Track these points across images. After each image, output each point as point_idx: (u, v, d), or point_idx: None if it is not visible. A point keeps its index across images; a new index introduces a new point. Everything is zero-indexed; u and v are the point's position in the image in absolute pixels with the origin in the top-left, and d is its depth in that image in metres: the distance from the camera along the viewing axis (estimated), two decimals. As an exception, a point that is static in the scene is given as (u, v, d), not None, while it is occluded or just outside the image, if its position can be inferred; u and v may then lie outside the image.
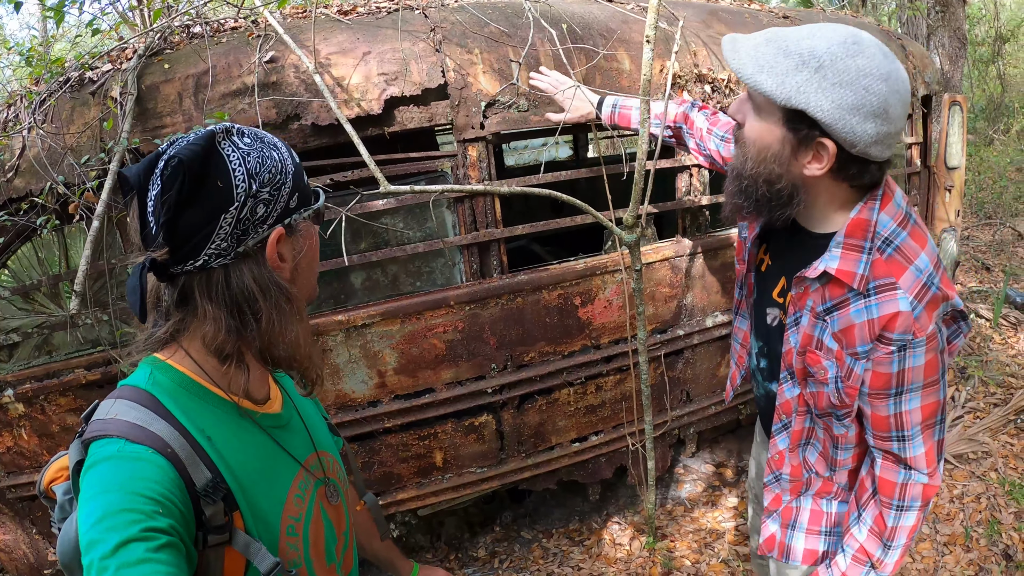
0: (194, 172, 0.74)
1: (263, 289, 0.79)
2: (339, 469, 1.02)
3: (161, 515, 0.68)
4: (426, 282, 2.25)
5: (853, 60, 1.02)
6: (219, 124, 0.80)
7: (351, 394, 2.24)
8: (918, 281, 1.08)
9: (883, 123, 1.03)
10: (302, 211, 0.84)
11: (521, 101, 2.21)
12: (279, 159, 0.81)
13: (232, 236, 0.77)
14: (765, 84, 1.06)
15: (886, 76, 1.02)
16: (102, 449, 0.72)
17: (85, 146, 2.18)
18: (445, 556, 2.71)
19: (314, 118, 2.09)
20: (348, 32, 2.22)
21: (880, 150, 1.06)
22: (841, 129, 1.03)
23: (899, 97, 1.04)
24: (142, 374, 0.81)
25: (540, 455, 2.45)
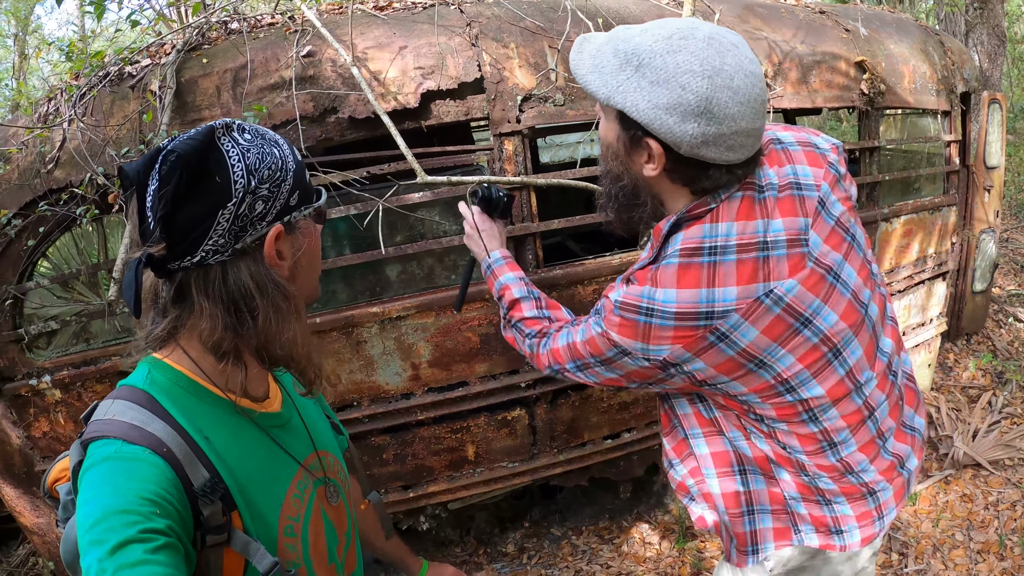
0: (192, 167, 0.73)
1: (260, 287, 0.78)
2: (340, 469, 1.01)
3: (159, 516, 0.68)
4: (461, 275, 2.25)
5: (672, 57, 0.97)
6: (219, 120, 0.80)
7: (384, 386, 2.25)
8: (637, 300, 1.08)
9: (708, 123, 0.96)
10: (303, 209, 0.84)
11: (557, 95, 2.21)
12: (279, 156, 0.81)
13: (230, 232, 0.76)
14: (592, 84, 1.05)
15: (711, 73, 0.95)
16: (100, 450, 0.73)
17: (125, 138, 2.21)
18: (474, 550, 2.71)
19: (351, 111, 2.10)
20: (384, 27, 2.23)
21: (715, 152, 0.99)
22: (659, 129, 0.99)
23: (732, 95, 0.96)
24: (140, 374, 0.81)
25: (572, 451, 2.44)
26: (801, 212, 1.08)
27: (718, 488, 1.26)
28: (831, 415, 1.13)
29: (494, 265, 1.55)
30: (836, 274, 1.09)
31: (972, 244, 3.44)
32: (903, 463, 1.24)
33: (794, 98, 2.63)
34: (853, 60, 2.80)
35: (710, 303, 1.03)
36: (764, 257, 1.05)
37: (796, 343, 1.07)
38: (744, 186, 1.07)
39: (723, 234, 1.05)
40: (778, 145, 1.14)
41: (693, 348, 1.06)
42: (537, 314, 1.44)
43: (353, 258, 2.15)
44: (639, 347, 1.09)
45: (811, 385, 1.11)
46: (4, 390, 2.43)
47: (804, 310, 1.06)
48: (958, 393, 3.36)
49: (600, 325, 1.14)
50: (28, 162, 2.29)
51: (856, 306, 1.12)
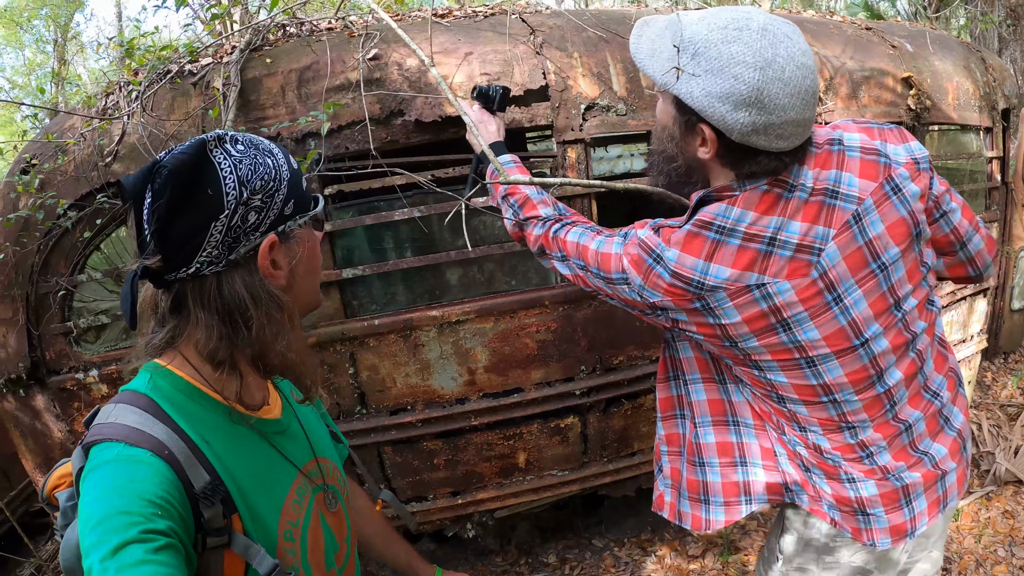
0: (183, 180, 0.75)
1: (254, 297, 0.79)
2: (339, 476, 1.02)
3: (160, 517, 0.68)
4: (521, 281, 2.25)
5: (727, 47, 1.00)
6: (212, 132, 0.80)
7: (439, 391, 2.24)
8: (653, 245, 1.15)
9: (759, 113, 1.00)
10: (298, 218, 0.84)
11: (619, 105, 2.22)
12: (273, 166, 0.81)
13: (223, 244, 0.77)
14: (649, 68, 1.11)
15: (763, 65, 0.98)
16: (102, 453, 0.73)
17: (186, 135, 2.22)
18: (515, 560, 2.68)
19: (417, 114, 2.11)
20: (449, 33, 2.25)
21: (766, 140, 1.02)
22: (712, 116, 1.03)
23: (783, 87, 0.99)
24: (142, 379, 0.82)
25: (622, 460, 2.43)
26: (824, 221, 1.09)
27: (712, 438, 1.32)
28: (799, 406, 1.20)
29: (504, 167, 1.61)
30: (838, 296, 1.10)
31: (1011, 262, 3.44)
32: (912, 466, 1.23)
33: (844, 113, 2.65)
34: (900, 76, 2.83)
35: (703, 275, 1.10)
36: (767, 252, 1.08)
37: (771, 340, 1.12)
38: (774, 181, 1.09)
39: (734, 218, 1.09)
40: (836, 147, 1.13)
41: (681, 305, 1.14)
42: (552, 209, 1.50)
43: (414, 261, 2.16)
44: (639, 282, 1.17)
45: (778, 374, 1.17)
46: (49, 383, 2.42)
47: (787, 315, 1.10)
48: (997, 411, 3.35)
49: (620, 248, 1.21)
50: (86, 155, 2.30)
51: (849, 334, 1.12)
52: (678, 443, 1.39)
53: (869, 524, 1.22)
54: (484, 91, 1.79)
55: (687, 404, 1.36)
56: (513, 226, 1.55)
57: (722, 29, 1.01)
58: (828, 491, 1.24)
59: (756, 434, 1.31)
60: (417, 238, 2.20)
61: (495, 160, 1.64)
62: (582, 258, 1.31)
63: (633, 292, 1.20)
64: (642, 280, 1.16)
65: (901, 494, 1.20)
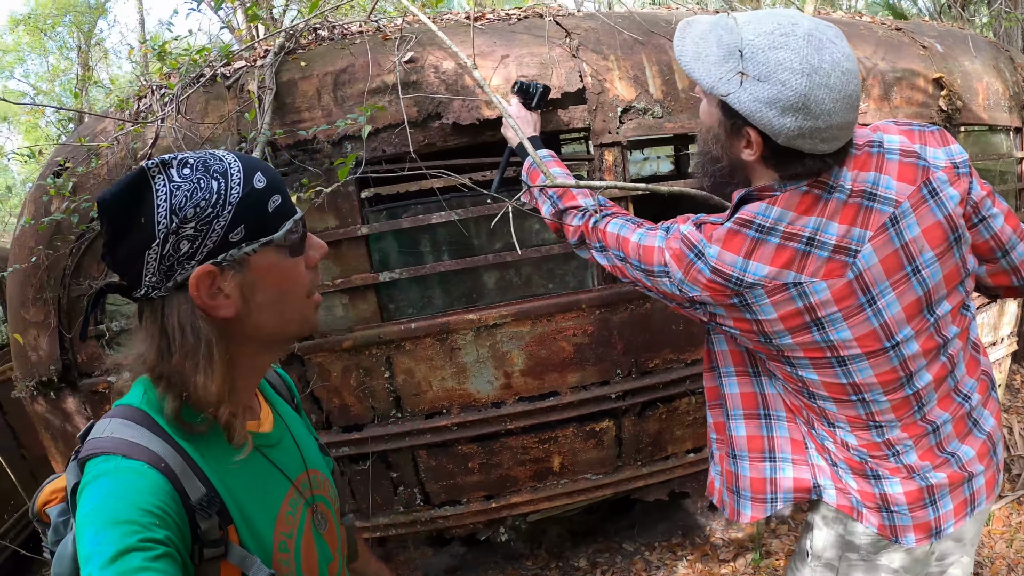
0: (116, 211, 0.76)
1: (181, 328, 0.79)
2: (330, 487, 1.03)
3: (158, 527, 0.69)
4: (558, 284, 2.24)
5: (774, 53, 1.02)
6: (160, 156, 0.79)
7: (475, 394, 2.23)
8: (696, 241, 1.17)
9: (805, 118, 1.01)
10: (244, 245, 0.80)
11: (656, 107, 2.21)
12: (217, 190, 0.77)
13: (159, 272, 0.77)
14: (695, 72, 1.11)
15: (809, 71, 1.00)
16: (99, 466, 0.74)
17: (220, 138, 2.22)
18: (546, 564, 2.68)
19: (455, 117, 2.11)
20: (484, 36, 2.25)
21: (810, 144, 1.04)
22: (759, 121, 1.04)
23: (828, 92, 1.00)
24: (136, 393, 0.82)
25: (655, 464, 2.42)
26: (861, 223, 1.10)
27: (743, 431, 1.34)
28: (828, 403, 1.21)
29: (543, 160, 1.64)
30: (872, 298, 1.11)
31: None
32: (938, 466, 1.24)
33: (876, 114, 2.63)
34: (931, 77, 2.81)
35: (742, 271, 1.12)
36: (805, 251, 1.10)
37: (804, 338, 1.14)
38: (814, 183, 1.11)
39: (774, 218, 1.10)
40: (876, 149, 1.14)
41: (719, 300, 1.17)
42: (591, 199, 1.52)
43: (451, 264, 2.15)
44: (679, 276, 1.20)
45: (809, 371, 1.19)
46: (81, 386, 2.43)
47: (821, 314, 1.11)
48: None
49: (662, 241, 1.24)
50: (119, 158, 2.30)
51: (881, 336, 1.13)
52: (723, 431, 1.42)
53: (893, 521, 1.24)
54: (525, 87, 1.84)
55: (722, 396, 1.39)
56: (552, 216, 1.57)
57: (769, 35, 1.03)
58: (854, 486, 1.26)
59: (788, 427, 1.33)
60: (454, 241, 2.19)
61: (534, 154, 1.65)
62: (622, 249, 1.34)
63: (673, 285, 1.22)
64: (683, 274, 1.19)
65: (926, 493, 1.21)
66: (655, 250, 1.25)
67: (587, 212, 1.47)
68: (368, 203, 2.16)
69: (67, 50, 13.71)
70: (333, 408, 2.28)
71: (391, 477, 2.38)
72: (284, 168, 2.13)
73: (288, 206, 0.84)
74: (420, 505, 2.43)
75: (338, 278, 2.15)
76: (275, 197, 0.82)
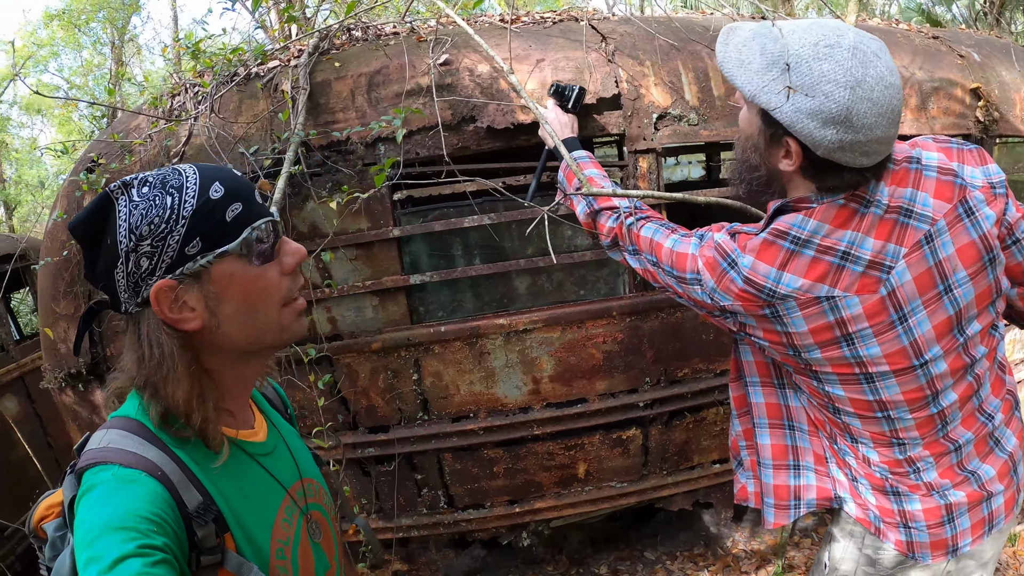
0: (85, 236, 0.80)
1: (150, 342, 0.81)
2: (324, 495, 1.04)
3: (156, 534, 0.70)
4: (590, 291, 2.23)
5: (818, 64, 1.01)
6: (122, 178, 0.81)
7: (503, 399, 2.22)
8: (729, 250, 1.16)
9: (846, 131, 1.01)
10: (200, 257, 0.80)
11: (691, 115, 2.19)
12: (171, 205, 0.78)
13: (128, 289, 0.80)
14: (738, 79, 1.11)
15: (853, 84, 0.99)
16: (97, 475, 0.74)
17: (254, 137, 2.22)
18: (566, 570, 2.67)
19: (490, 121, 2.10)
20: (520, 39, 2.24)
21: (850, 157, 1.03)
22: (799, 132, 1.04)
23: (871, 106, 1.00)
24: (132, 404, 0.83)
25: (681, 474, 2.40)
26: (896, 239, 1.10)
27: (768, 439, 1.35)
28: (853, 419, 1.20)
29: (579, 159, 1.65)
30: (903, 316, 1.11)
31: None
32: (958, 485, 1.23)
33: (913, 124, 2.60)
34: (968, 87, 2.76)
35: (776, 283, 1.11)
36: (839, 266, 1.09)
37: (833, 353, 1.13)
38: (852, 196, 1.10)
39: (810, 230, 1.10)
40: (914, 165, 1.13)
41: (750, 310, 1.16)
42: (627, 201, 1.51)
43: (482, 268, 2.14)
44: (711, 285, 1.20)
45: (836, 387, 1.18)
46: (109, 379, 2.44)
47: (852, 329, 1.11)
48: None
49: (696, 249, 1.24)
50: (151, 155, 2.31)
51: (910, 354, 1.12)
52: (752, 438, 1.42)
53: (911, 537, 1.24)
54: (561, 89, 1.84)
55: (749, 404, 1.39)
56: (586, 216, 1.57)
57: (813, 45, 1.02)
58: (873, 502, 1.26)
59: (810, 440, 1.34)
60: (486, 245, 2.19)
61: (567, 156, 1.65)
62: (655, 254, 1.34)
63: (704, 293, 1.22)
64: (715, 283, 1.19)
65: (944, 511, 1.22)
66: (688, 257, 1.25)
67: (621, 214, 1.47)
68: (400, 205, 2.16)
69: (100, 45, 13.92)
70: (360, 409, 2.29)
71: (415, 479, 2.38)
72: (317, 168, 2.13)
73: (250, 213, 0.83)
74: (443, 508, 2.43)
75: (369, 279, 2.15)
76: (234, 205, 0.81)
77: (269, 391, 1.10)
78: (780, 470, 1.36)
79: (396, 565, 2.58)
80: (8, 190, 12.73)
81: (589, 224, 1.57)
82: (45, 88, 13.21)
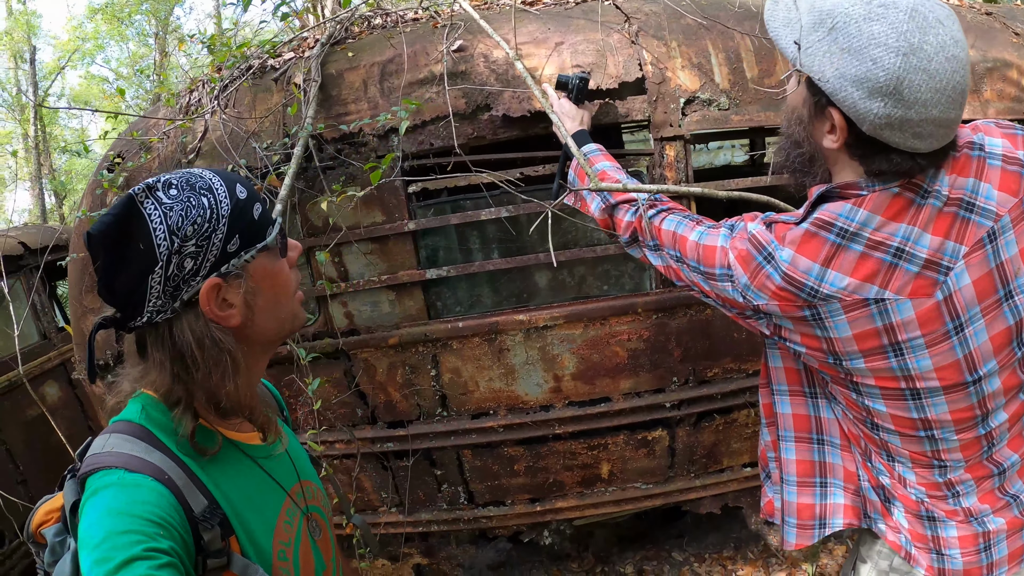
0: (110, 241, 0.77)
1: (199, 343, 0.80)
2: (322, 496, 1.05)
3: (163, 537, 0.70)
4: (614, 286, 2.14)
5: (868, 25, 0.89)
6: (143, 182, 0.79)
7: (523, 396, 2.16)
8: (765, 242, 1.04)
9: (895, 105, 0.88)
10: (243, 254, 0.83)
11: (722, 99, 2.06)
12: (209, 205, 0.79)
13: (165, 293, 0.78)
14: (782, 40, 1.00)
15: (907, 50, 0.87)
16: (102, 479, 0.75)
17: (267, 131, 2.19)
18: (591, 568, 2.61)
19: (505, 109, 2.02)
20: (538, 22, 2.14)
21: (899, 137, 0.91)
22: (842, 101, 0.93)
23: (926, 79, 0.87)
24: (134, 409, 0.83)
25: (709, 476, 2.30)
26: (956, 236, 0.97)
27: (794, 454, 1.24)
28: (893, 436, 1.09)
29: (589, 154, 1.56)
30: (960, 324, 0.98)
31: None
32: None
33: (967, 109, 2.40)
34: (1028, 66, 2.54)
35: (819, 281, 0.99)
36: (892, 264, 0.97)
37: (878, 364, 1.01)
38: (907, 185, 0.97)
39: (859, 221, 0.97)
40: (976, 152, 1.00)
41: (788, 311, 1.04)
42: (645, 193, 1.41)
43: (501, 263, 2.07)
44: (744, 281, 1.07)
45: (878, 402, 1.06)
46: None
47: (902, 338, 0.98)
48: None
49: (727, 241, 1.11)
50: (169, 152, 2.30)
51: (963, 369, 1.00)
52: (777, 451, 1.32)
53: (943, 564, 1.13)
54: (564, 81, 1.76)
55: (774, 414, 1.28)
56: (602, 212, 1.46)
57: (866, 4, 0.91)
58: (905, 525, 1.16)
59: (841, 455, 1.23)
60: (504, 238, 2.12)
61: (578, 153, 1.58)
62: (679, 249, 1.22)
63: (736, 291, 1.09)
64: (748, 279, 1.06)
65: (981, 539, 1.12)
66: (717, 250, 1.12)
67: (640, 207, 1.35)
68: (416, 198, 2.10)
69: (145, 36, 14.31)
70: (379, 404, 2.26)
71: (435, 474, 2.35)
72: (329, 162, 2.08)
73: (267, 212, 0.87)
74: (464, 504, 2.40)
75: (384, 274, 2.10)
76: (256, 205, 0.85)
77: (264, 393, 1.09)
78: (805, 488, 1.25)
79: (416, 558, 2.57)
80: (58, 179, 13.21)
81: (606, 221, 1.46)
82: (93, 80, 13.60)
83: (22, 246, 3.70)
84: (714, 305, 1.21)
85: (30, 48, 12.97)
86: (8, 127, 13.91)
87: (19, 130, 13.24)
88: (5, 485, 3.02)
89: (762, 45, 2.06)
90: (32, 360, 3.52)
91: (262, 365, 0.94)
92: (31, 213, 12.83)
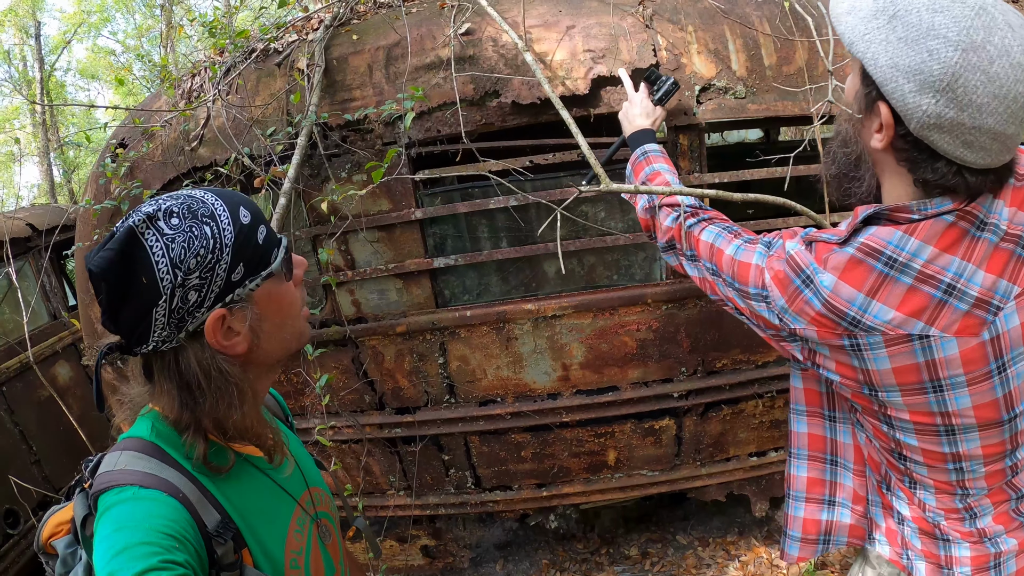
0: (113, 276, 0.75)
1: (205, 373, 0.80)
2: (330, 502, 1.06)
3: (178, 550, 0.71)
4: (623, 276, 2.12)
5: (930, 15, 0.83)
6: (141, 211, 0.77)
7: (531, 384, 2.17)
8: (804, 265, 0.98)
9: (947, 104, 0.82)
10: (247, 283, 0.81)
11: (738, 87, 2.01)
12: (211, 235, 0.78)
13: (170, 325, 0.77)
14: (842, 25, 0.93)
15: (967, 47, 0.81)
16: (116, 495, 0.75)
17: (271, 118, 2.16)
18: (596, 548, 2.64)
19: (514, 96, 1.98)
20: (549, 4, 2.08)
21: (947, 142, 0.84)
22: (891, 92, 0.87)
23: (985, 81, 0.80)
24: (144, 426, 0.83)
25: (715, 465, 2.31)
26: (1010, 275, 0.91)
27: (805, 471, 1.23)
28: (920, 467, 1.06)
29: (649, 152, 1.51)
30: (1002, 365, 0.94)
31: None
32: None
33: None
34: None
35: (862, 311, 0.94)
36: (941, 300, 0.91)
37: (915, 400, 0.97)
38: (962, 214, 0.90)
39: (911, 251, 0.91)
40: None
41: (826, 339, 0.99)
42: (691, 198, 1.35)
43: (509, 252, 2.05)
44: (781, 304, 1.02)
45: (910, 436, 1.02)
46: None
47: (943, 375, 0.94)
48: None
49: (763, 260, 1.06)
50: (172, 139, 2.27)
51: (1001, 408, 0.97)
52: (786, 467, 1.31)
53: None
54: (655, 77, 1.70)
55: (789, 432, 1.26)
56: (645, 212, 1.41)
57: None
58: (918, 546, 1.14)
59: (853, 479, 1.21)
60: (513, 227, 2.09)
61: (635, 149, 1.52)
62: (715, 262, 1.17)
63: (771, 313, 1.03)
64: (786, 302, 1.01)
65: (992, 558, 1.10)
66: (752, 268, 1.06)
67: (681, 214, 1.29)
68: (423, 185, 2.08)
69: (152, 7, 14.09)
70: (387, 390, 2.27)
71: (443, 459, 2.37)
72: (334, 150, 2.05)
73: (272, 234, 0.86)
74: (471, 488, 2.42)
75: (391, 262, 2.09)
76: (260, 228, 0.83)
77: (269, 400, 1.09)
78: (812, 504, 1.24)
79: (424, 540, 2.61)
80: (67, 154, 13.13)
81: (647, 221, 1.41)
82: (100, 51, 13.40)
83: (30, 227, 3.71)
84: (751, 324, 1.15)
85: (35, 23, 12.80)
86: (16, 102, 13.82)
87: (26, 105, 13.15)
88: (19, 467, 3.08)
89: (781, 31, 2.00)
90: (43, 341, 3.55)
91: (268, 384, 0.93)
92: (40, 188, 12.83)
